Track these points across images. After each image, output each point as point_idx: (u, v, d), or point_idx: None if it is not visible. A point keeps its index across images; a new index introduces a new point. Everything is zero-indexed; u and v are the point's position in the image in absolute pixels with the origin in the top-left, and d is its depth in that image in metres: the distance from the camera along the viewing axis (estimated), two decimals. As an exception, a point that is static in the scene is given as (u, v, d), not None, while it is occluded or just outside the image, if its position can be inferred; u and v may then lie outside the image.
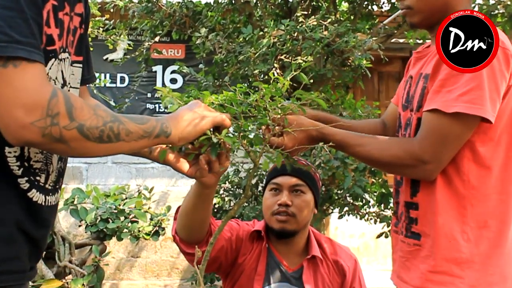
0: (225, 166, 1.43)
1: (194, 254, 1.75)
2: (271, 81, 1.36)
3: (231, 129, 1.34)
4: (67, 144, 1.04)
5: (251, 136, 1.37)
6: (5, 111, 0.98)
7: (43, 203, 1.21)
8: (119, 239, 4.35)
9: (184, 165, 1.42)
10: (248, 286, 1.96)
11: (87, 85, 1.49)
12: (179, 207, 1.81)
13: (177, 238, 1.81)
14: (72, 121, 1.03)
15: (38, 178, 1.20)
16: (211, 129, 1.29)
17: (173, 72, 6.30)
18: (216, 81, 4.09)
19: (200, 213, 1.69)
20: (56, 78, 1.21)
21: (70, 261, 4.27)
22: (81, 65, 1.35)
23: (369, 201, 3.62)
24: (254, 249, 2.01)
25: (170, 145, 1.37)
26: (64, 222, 5.31)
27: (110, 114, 1.11)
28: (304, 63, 3.09)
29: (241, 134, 1.34)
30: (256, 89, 1.37)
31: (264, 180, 3.84)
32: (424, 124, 1.49)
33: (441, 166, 1.49)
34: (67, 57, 1.24)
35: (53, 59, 1.17)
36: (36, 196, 1.19)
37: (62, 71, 1.23)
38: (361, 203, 3.58)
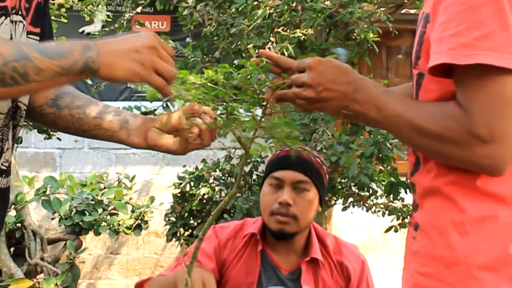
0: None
1: None
2: (255, 56, 1.33)
3: (218, 112, 1.32)
4: None
5: (242, 119, 1.35)
6: None
7: None
8: (97, 233, 4.33)
9: (168, 140, 1.38)
10: None
11: None
12: (142, 282, 1.76)
13: None
14: None
15: None
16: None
17: (157, 46, 6.26)
18: (205, 56, 4.06)
19: None
20: None
21: (42, 258, 4.26)
22: (38, 38, 1.33)
23: (377, 191, 3.61)
24: (243, 254, 2.00)
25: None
26: (35, 214, 5.30)
27: (15, 51, 1.05)
28: (303, 36, 3.07)
29: (230, 117, 1.33)
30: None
31: (260, 168, 3.84)
32: (463, 86, 1.16)
33: (508, 147, 1.12)
34: (21, 21, 1.22)
35: (3, 17, 1.15)
36: None
37: (11, 35, 1.20)
38: (367, 194, 3.57)
